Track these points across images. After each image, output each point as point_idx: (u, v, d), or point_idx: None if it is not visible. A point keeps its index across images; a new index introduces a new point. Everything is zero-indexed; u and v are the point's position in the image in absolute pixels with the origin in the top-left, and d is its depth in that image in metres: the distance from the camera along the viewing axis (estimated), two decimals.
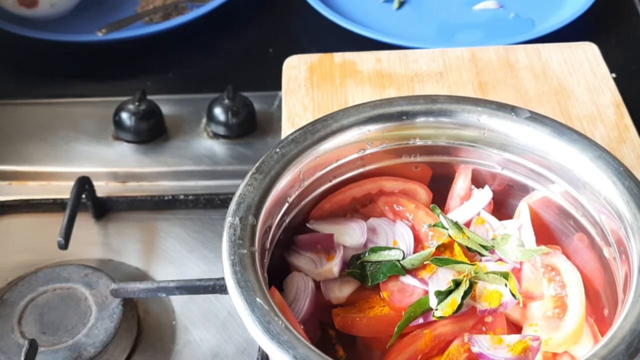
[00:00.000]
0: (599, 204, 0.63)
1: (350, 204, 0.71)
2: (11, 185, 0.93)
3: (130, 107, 0.95)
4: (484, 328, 0.62)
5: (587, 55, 0.93)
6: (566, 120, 0.83)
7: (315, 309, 0.65)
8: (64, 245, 0.79)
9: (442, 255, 0.66)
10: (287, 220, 0.67)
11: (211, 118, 0.95)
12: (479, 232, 0.68)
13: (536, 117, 0.67)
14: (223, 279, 0.57)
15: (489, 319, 0.62)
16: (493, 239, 0.67)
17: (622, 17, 1.18)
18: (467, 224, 0.69)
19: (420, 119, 0.69)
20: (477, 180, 0.72)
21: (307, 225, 0.70)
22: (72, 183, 0.85)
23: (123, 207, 0.89)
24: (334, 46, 0.97)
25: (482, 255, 0.66)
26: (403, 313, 0.62)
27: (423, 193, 0.72)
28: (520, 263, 0.66)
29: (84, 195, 0.86)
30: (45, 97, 1.04)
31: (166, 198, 0.88)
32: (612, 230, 0.62)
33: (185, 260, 0.84)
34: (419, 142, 0.70)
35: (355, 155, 0.69)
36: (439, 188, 0.72)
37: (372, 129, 0.68)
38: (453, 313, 0.61)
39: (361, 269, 0.66)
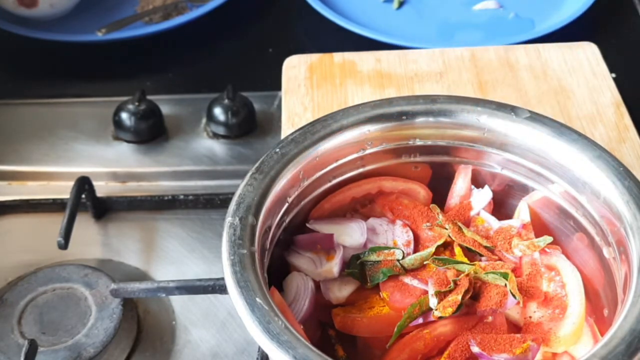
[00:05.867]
0: (599, 204, 0.63)
1: (350, 204, 0.71)
2: (11, 185, 0.93)
3: (130, 107, 0.95)
4: (484, 328, 0.62)
5: (587, 55, 0.93)
6: (566, 120, 0.83)
7: (315, 309, 0.65)
8: (63, 245, 0.79)
9: (441, 255, 0.66)
10: (287, 220, 0.67)
11: (211, 118, 0.95)
12: (478, 232, 0.68)
13: (536, 117, 0.67)
14: (223, 279, 0.57)
15: (489, 319, 0.62)
16: (494, 236, 0.68)
17: (622, 17, 1.18)
18: (467, 224, 0.69)
19: (420, 119, 0.69)
20: (477, 180, 0.72)
21: (307, 225, 0.70)
22: (71, 183, 0.85)
23: (123, 207, 0.89)
24: (334, 46, 0.97)
25: (481, 255, 0.66)
26: (403, 313, 0.62)
27: (423, 193, 0.72)
28: (520, 263, 0.66)
29: (83, 195, 0.86)
30: (45, 97, 1.04)
31: (166, 198, 0.88)
32: (612, 230, 0.62)
33: (185, 260, 0.84)
34: (418, 142, 0.70)
35: (355, 155, 0.69)
36: (439, 188, 0.72)
37: (372, 129, 0.68)
38: (453, 313, 0.61)
39: (361, 269, 0.66)
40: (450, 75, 0.90)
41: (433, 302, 0.62)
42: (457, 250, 0.66)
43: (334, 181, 0.70)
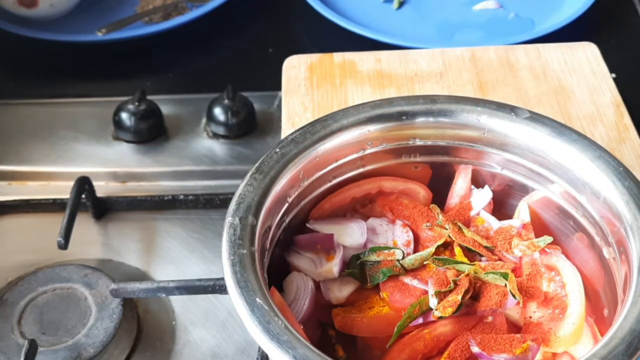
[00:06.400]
0: (599, 204, 0.63)
1: (350, 204, 0.71)
2: (11, 185, 0.93)
3: (130, 107, 0.95)
4: (484, 328, 0.62)
5: (587, 55, 0.93)
6: (566, 120, 0.83)
7: (315, 309, 0.65)
8: (63, 245, 0.79)
9: (441, 255, 0.66)
10: (287, 220, 0.67)
11: (211, 118, 0.95)
12: (478, 232, 0.68)
13: (536, 117, 0.67)
14: (223, 279, 0.57)
15: (489, 319, 0.62)
16: (494, 236, 0.68)
17: (622, 17, 1.18)
18: (467, 224, 0.69)
19: (420, 119, 0.69)
20: (477, 180, 0.72)
21: (307, 225, 0.70)
22: (71, 183, 0.85)
23: (123, 207, 0.89)
24: (334, 46, 0.97)
25: (481, 255, 0.66)
26: (403, 313, 0.62)
27: (423, 193, 0.72)
28: (520, 263, 0.66)
29: (83, 195, 0.86)
30: (45, 97, 1.04)
31: (166, 198, 0.88)
32: (612, 230, 0.62)
33: (185, 260, 0.84)
34: (418, 142, 0.70)
35: (355, 156, 0.69)
36: (439, 188, 0.72)
37: (372, 129, 0.68)
38: (453, 313, 0.61)
39: (361, 269, 0.66)
40: (450, 75, 0.90)
41: (433, 302, 0.62)
42: (457, 250, 0.66)
43: (334, 181, 0.70)
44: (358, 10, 1.17)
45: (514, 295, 0.61)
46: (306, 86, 0.89)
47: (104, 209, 0.89)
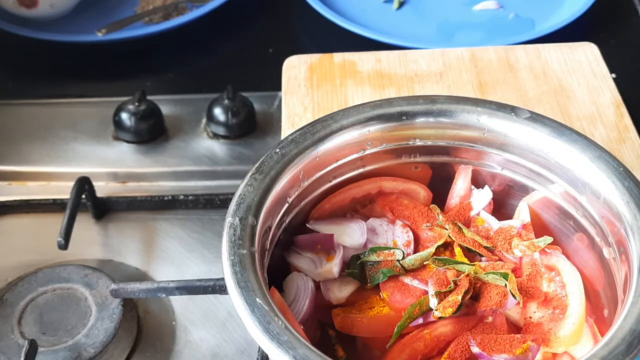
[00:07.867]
0: (599, 204, 0.63)
1: (350, 204, 0.71)
2: (11, 186, 0.93)
3: (130, 107, 0.95)
4: (484, 328, 0.62)
5: (587, 55, 0.93)
6: (566, 120, 0.84)
7: (315, 309, 0.65)
8: (63, 246, 0.79)
9: (442, 256, 0.66)
10: (287, 221, 0.67)
11: (211, 118, 0.95)
12: (478, 233, 0.68)
13: (536, 117, 0.67)
14: (223, 279, 0.57)
15: (489, 319, 0.62)
16: (494, 236, 0.68)
17: (622, 17, 1.18)
18: (467, 224, 0.69)
19: (420, 119, 0.69)
20: (477, 181, 0.72)
21: (307, 225, 0.70)
22: (72, 183, 0.85)
23: (123, 208, 0.89)
24: (334, 46, 0.97)
25: (481, 255, 0.66)
26: (403, 313, 0.62)
27: (423, 193, 0.72)
28: (520, 263, 0.66)
29: (83, 196, 0.86)
30: (45, 97, 1.04)
31: (166, 198, 0.88)
32: (612, 230, 0.62)
33: (185, 260, 0.84)
34: (418, 143, 0.70)
35: (355, 156, 0.69)
36: (439, 188, 0.72)
37: (372, 129, 0.68)
38: (453, 313, 0.61)
39: (361, 269, 0.66)
40: (450, 76, 0.90)
41: (433, 302, 0.62)
42: (457, 250, 0.66)
43: (334, 181, 0.70)
44: (358, 10, 1.17)
45: (514, 296, 0.61)
46: (306, 86, 0.89)
47: (104, 209, 0.89)
